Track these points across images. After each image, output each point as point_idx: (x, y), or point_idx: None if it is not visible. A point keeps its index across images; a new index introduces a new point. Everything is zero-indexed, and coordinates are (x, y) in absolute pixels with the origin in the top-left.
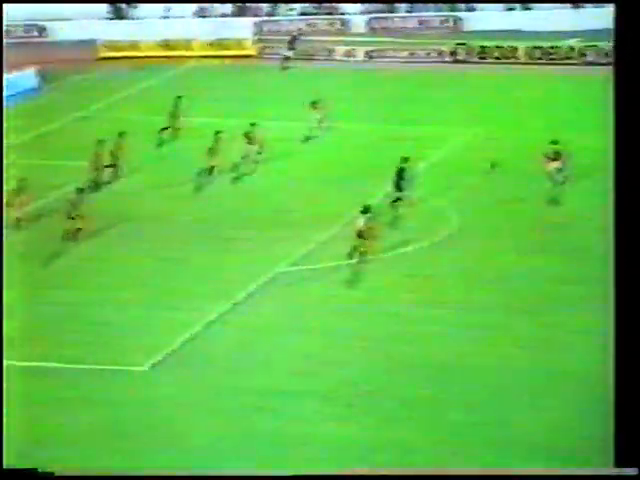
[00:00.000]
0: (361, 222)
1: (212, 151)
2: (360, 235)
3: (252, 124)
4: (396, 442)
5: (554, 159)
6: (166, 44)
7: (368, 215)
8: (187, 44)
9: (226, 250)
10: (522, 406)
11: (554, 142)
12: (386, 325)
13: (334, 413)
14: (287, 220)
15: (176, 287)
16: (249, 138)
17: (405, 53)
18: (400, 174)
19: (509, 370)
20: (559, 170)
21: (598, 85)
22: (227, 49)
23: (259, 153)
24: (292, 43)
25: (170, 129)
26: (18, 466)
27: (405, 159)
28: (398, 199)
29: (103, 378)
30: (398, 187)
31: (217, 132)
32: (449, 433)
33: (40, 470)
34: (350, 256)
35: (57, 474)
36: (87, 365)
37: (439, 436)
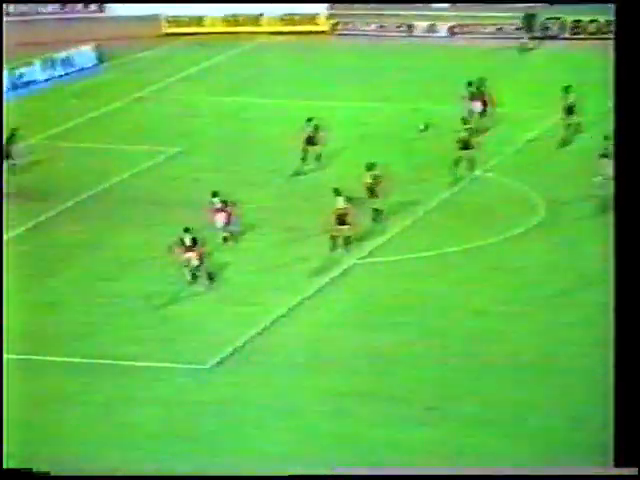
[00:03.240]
0: None
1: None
2: None
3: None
4: (476, 446)
5: None
6: (233, 19)
7: None
8: (255, 19)
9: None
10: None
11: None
12: (465, 322)
13: (412, 416)
14: None
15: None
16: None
17: (492, 28)
18: None
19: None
20: None
21: None
22: (298, 25)
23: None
24: (530, 22)
25: None
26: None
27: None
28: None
29: (157, 376)
30: None
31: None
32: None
33: (35, 470)
34: None
35: (53, 474)
36: (146, 363)
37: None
